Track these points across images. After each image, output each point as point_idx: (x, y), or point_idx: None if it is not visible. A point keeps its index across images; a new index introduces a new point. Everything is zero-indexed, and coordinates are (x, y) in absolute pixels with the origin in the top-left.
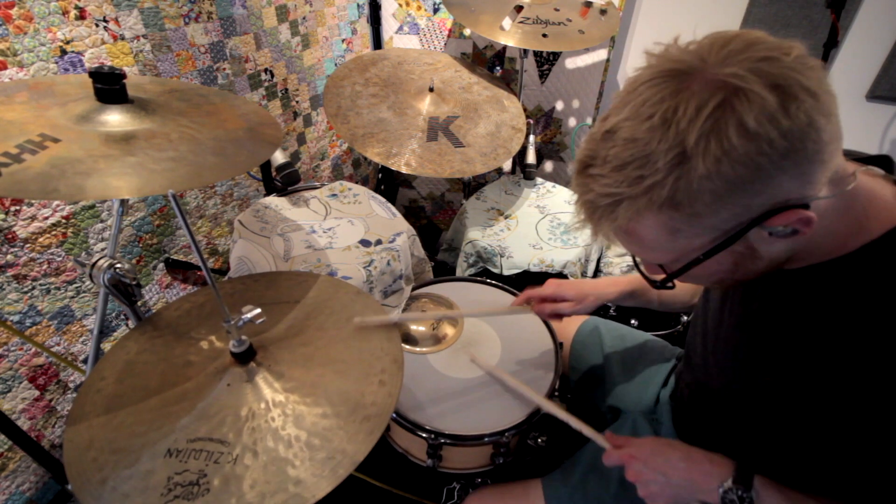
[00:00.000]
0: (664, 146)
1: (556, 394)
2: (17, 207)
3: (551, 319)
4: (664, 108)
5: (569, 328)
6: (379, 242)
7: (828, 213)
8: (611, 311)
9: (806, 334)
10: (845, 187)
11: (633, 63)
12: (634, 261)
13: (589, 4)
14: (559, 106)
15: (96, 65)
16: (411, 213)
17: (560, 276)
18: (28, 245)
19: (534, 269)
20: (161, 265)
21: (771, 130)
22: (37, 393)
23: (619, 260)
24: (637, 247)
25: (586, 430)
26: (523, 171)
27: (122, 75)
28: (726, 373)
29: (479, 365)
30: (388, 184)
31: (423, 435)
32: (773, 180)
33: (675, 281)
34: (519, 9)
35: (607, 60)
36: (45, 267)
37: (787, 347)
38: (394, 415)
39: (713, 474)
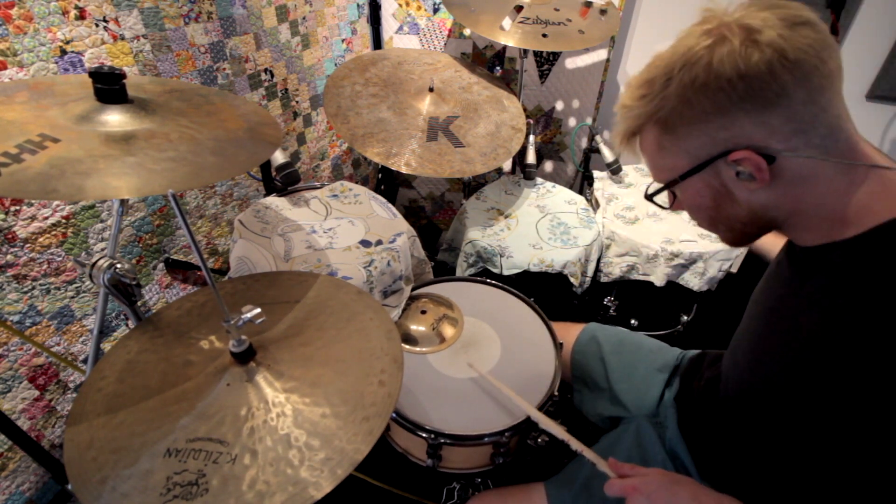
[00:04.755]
0: (660, 72)
1: (556, 394)
2: (17, 207)
3: None
4: (676, 46)
5: (568, 337)
6: (379, 243)
7: (818, 184)
8: (611, 311)
9: (813, 321)
10: (836, 157)
11: (633, 63)
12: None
13: (589, 4)
14: (559, 106)
15: (96, 65)
16: (411, 213)
17: (560, 276)
18: (28, 245)
19: (534, 268)
20: (161, 265)
21: (729, 70)
22: (37, 393)
23: (618, 260)
24: (646, 159)
25: (588, 454)
26: (523, 171)
27: (122, 75)
28: (756, 374)
29: (479, 374)
30: (388, 184)
31: (423, 435)
32: (734, 118)
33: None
34: (519, 9)
35: (607, 60)
36: (45, 267)
37: (798, 336)
38: (394, 414)
39: None
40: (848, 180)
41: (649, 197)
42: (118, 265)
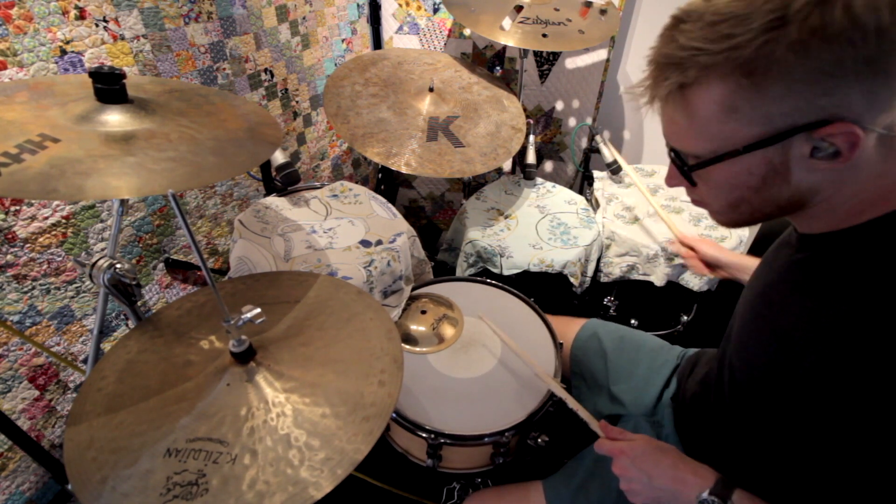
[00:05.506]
0: (768, 7)
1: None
2: (17, 207)
3: (701, 268)
4: None
5: (568, 332)
6: (379, 243)
7: (864, 167)
8: (611, 311)
9: (809, 312)
10: (893, 146)
11: (633, 63)
12: (671, 154)
13: (589, 4)
14: (559, 106)
15: (96, 65)
16: (411, 213)
17: (560, 276)
18: (28, 245)
19: (534, 269)
20: (161, 265)
21: (870, 21)
22: (37, 393)
23: (619, 260)
24: (685, 124)
25: (582, 413)
26: (523, 171)
27: (122, 75)
28: (744, 361)
29: (489, 326)
30: (388, 184)
31: (423, 435)
32: (846, 84)
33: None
34: (519, 9)
35: (607, 60)
36: (45, 267)
37: (794, 326)
38: (393, 414)
39: (694, 485)
40: (879, 171)
41: (689, 170)
42: (118, 265)
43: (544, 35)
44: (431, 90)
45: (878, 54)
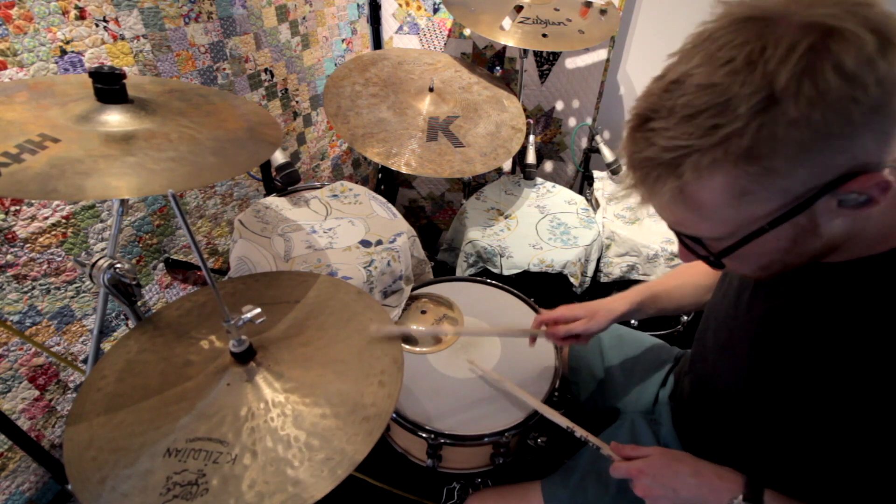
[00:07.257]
0: (748, 90)
1: (556, 394)
2: (17, 207)
3: (567, 342)
4: (748, 50)
5: None
6: (379, 243)
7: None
8: None
9: (829, 336)
10: None
11: (633, 63)
12: (681, 239)
13: (589, 4)
14: (559, 106)
15: (96, 65)
16: (411, 213)
17: (560, 276)
18: (28, 245)
19: (534, 269)
20: (161, 265)
21: (868, 75)
22: (37, 393)
23: (618, 260)
24: (693, 216)
25: (592, 439)
26: (523, 171)
27: (122, 75)
28: (737, 370)
29: (479, 370)
30: (388, 184)
31: (423, 435)
32: (858, 136)
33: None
34: (519, 9)
35: (607, 60)
36: (45, 267)
37: (807, 348)
38: (393, 415)
39: (722, 490)
40: None
41: (716, 258)
42: (118, 265)
43: (544, 35)
44: (431, 90)
45: (882, 100)
